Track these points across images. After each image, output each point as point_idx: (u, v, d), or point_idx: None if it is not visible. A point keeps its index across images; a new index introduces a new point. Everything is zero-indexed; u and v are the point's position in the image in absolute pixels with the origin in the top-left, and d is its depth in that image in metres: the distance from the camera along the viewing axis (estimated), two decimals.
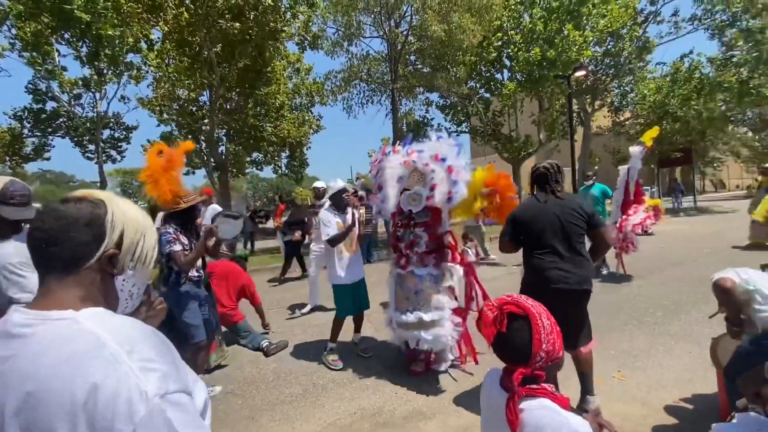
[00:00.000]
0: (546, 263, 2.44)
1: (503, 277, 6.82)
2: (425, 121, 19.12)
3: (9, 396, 0.63)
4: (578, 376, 2.59)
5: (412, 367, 3.42)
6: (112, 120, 19.78)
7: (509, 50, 15.79)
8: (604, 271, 6.51)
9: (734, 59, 18.89)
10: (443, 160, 3.17)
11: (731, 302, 2.11)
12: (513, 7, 15.59)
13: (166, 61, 13.39)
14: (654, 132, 6.24)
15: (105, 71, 15.98)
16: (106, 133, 19.92)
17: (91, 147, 19.05)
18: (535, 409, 1.01)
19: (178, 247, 2.75)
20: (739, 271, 2.18)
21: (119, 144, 20.75)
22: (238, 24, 10.44)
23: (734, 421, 1.36)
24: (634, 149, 6.09)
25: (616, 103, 21.41)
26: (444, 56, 13.25)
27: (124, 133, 20.77)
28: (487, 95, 18.33)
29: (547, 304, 2.17)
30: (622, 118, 21.84)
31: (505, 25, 15.67)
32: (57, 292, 0.73)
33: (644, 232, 6.41)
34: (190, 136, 16.42)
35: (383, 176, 3.37)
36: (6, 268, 1.90)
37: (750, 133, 32.82)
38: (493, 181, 5.37)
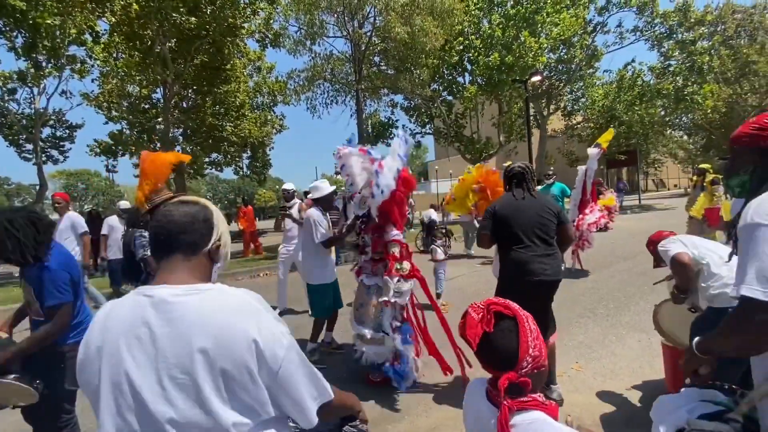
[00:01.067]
0: (527, 256, 2.57)
1: (469, 274, 6.99)
2: (390, 122, 19.27)
3: (194, 343, 0.83)
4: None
5: (369, 376, 3.28)
6: (53, 117, 18.29)
7: (470, 54, 16.26)
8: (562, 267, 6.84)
9: (671, 68, 20.54)
10: (368, 152, 3.12)
11: (685, 275, 2.29)
12: (473, 12, 16.07)
13: (115, 55, 12.57)
14: (609, 135, 6.71)
15: (44, 64, 14.76)
16: (47, 131, 18.39)
17: (29, 146, 17.49)
18: (529, 423, 0.95)
19: (150, 252, 2.69)
20: (683, 239, 2.38)
21: (61, 143, 19.19)
22: (193, 18, 10.00)
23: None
24: (592, 151, 6.46)
25: (568, 108, 22.61)
26: (407, 58, 13.42)
27: (67, 131, 19.26)
28: (450, 98, 18.77)
29: (526, 296, 2.31)
30: (574, 122, 23.08)
31: (466, 29, 16.12)
32: (182, 272, 0.94)
33: (604, 227, 6.74)
34: (144, 136, 15.54)
35: (350, 171, 3.14)
36: None
37: (685, 137, 35.86)
38: (483, 177, 5.69)
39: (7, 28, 12.44)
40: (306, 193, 6.22)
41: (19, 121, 16.55)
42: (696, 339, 1.28)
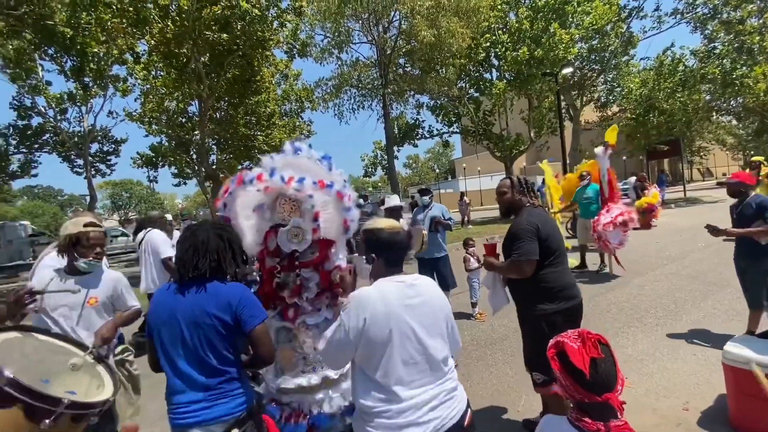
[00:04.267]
0: (566, 281, 2.31)
1: None
2: (417, 123, 19.19)
3: (435, 302, 1.59)
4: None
5: None
6: (99, 134, 19.53)
7: (497, 50, 15.91)
8: (606, 269, 6.59)
9: (716, 51, 19.22)
10: (329, 186, 2.43)
11: None
12: (499, 7, 15.70)
13: (153, 73, 13.25)
14: (615, 130, 6.56)
15: (90, 85, 15.78)
16: (94, 147, 19.67)
17: (80, 161, 18.79)
18: None
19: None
20: None
21: (108, 157, 20.50)
22: (225, 35, 10.37)
23: None
24: (599, 150, 6.26)
25: (602, 99, 21.65)
26: (433, 59, 13.30)
27: (113, 146, 20.53)
28: (477, 95, 18.45)
29: (568, 322, 2.17)
30: (609, 113, 22.09)
31: (492, 25, 15.78)
32: (402, 272, 1.61)
33: (624, 224, 6.26)
34: (182, 148, 16.28)
35: (232, 208, 2.48)
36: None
37: (734, 122, 33.43)
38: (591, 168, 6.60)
39: (57, 54, 13.42)
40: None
41: (70, 139, 17.79)
42: None
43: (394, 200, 4.96)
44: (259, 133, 16.62)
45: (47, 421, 1.26)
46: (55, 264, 2.25)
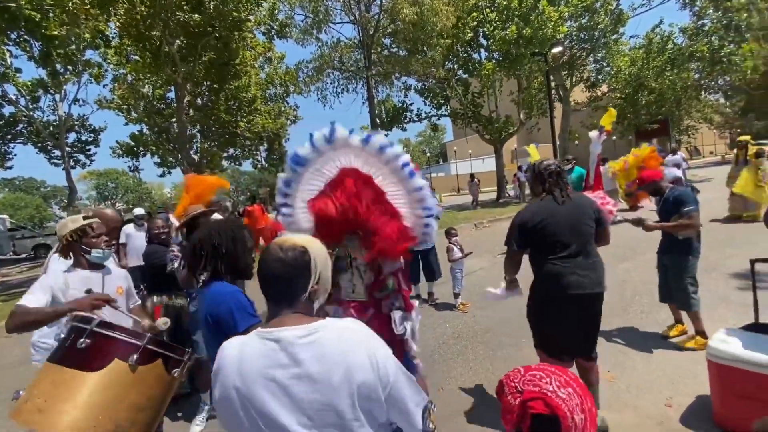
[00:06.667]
0: (563, 268, 2.30)
1: (489, 267, 6.75)
2: (404, 106, 18.79)
3: (335, 371, 0.93)
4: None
5: None
6: (77, 123, 18.78)
7: (485, 29, 15.48)
8: None
9: (705, 28, 18.99)
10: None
11: None
12: None
13: (126, 57, 12.65)
14: (612, 115, 6.31)
15: (62, 71, 15.04)
16: (72, 136, 18.95)
17: (57, 152, 18.08)
18: None
19: (177, 265, 2.85)
20: None
21: (87, 147, 19.78)
22: (197, 15, 9.84)
23: None
24: (593, 134, 6.07)
25: (592, 78, 21.40)
26: (418, 39, 12.87)
27: (92, 135, 19.80)
28: (465, 76, 18.06)
29: (565, 312, 2.30)
30: (599, 93, 21.88)
31: (479, 3, 15.30)
32: (291, 316, 1.02)
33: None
34: (163, 136, 15.73)
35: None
36: None
37: (722, 100, 33.49)
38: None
39: (22, 39, 12.70)
40: None
41: (45, 128, 17.09)
42: None
43: None
44: (241, 119, 16.13)
45: (177, 370, 1.50)
46: (63, 267, 2.15)
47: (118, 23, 9.82)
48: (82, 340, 1.38)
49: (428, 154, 60.83)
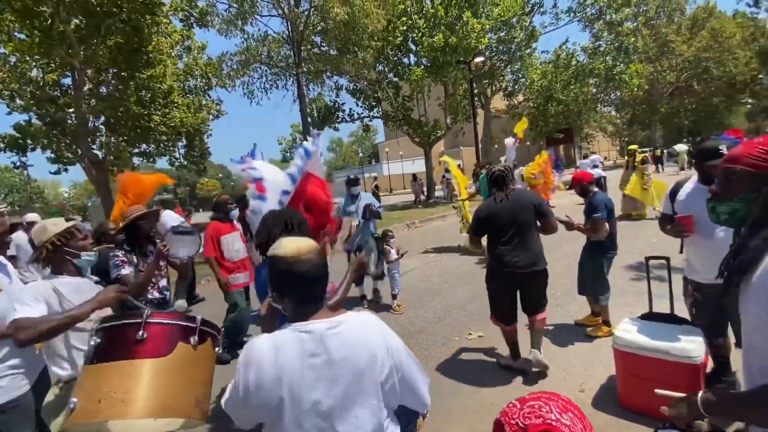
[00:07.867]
0: (502, 251, 3.04)
1: (422, 268, 6.93)
2: (336, 105, 18.61)
3: (360, 356, 1.12)
4: (530, 335, 3.19)
5: None
6: None
7: (414, 35, 15.94)
8: None
9: (601, 49, 21.65)
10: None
11: None
12: None
13: (9, 34, 10.73)
14: (524, 124, 7.14)
15: None
16: None
17: None
18: None
19: (125, 271, 2.58)
20: None
21: None
22: None
23: None
24: (508, 141, 6.71)
25: (509, 88, 23.21)
26: (349, 39, 12.81)
27: None
28: (396, 80, 18.44)
29: (503, 283, 3.14)
30: (516, 102, 23.78)
31: (409, 9, 15.71)
32: (321, 311, 1.20)
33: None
34: (57, 127, 13.61)
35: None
36: None
37: (613, 112, 38.60)
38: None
39: None
40: None
41: None
42: (703, 395, 1.05)
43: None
44: (155, 111, 14.60)
45: (218, 348, 1.65)
46: (41, 276, 2.05)
47: None
48: (141, 332, 1.44)
49: (360, 155, 61.07)
